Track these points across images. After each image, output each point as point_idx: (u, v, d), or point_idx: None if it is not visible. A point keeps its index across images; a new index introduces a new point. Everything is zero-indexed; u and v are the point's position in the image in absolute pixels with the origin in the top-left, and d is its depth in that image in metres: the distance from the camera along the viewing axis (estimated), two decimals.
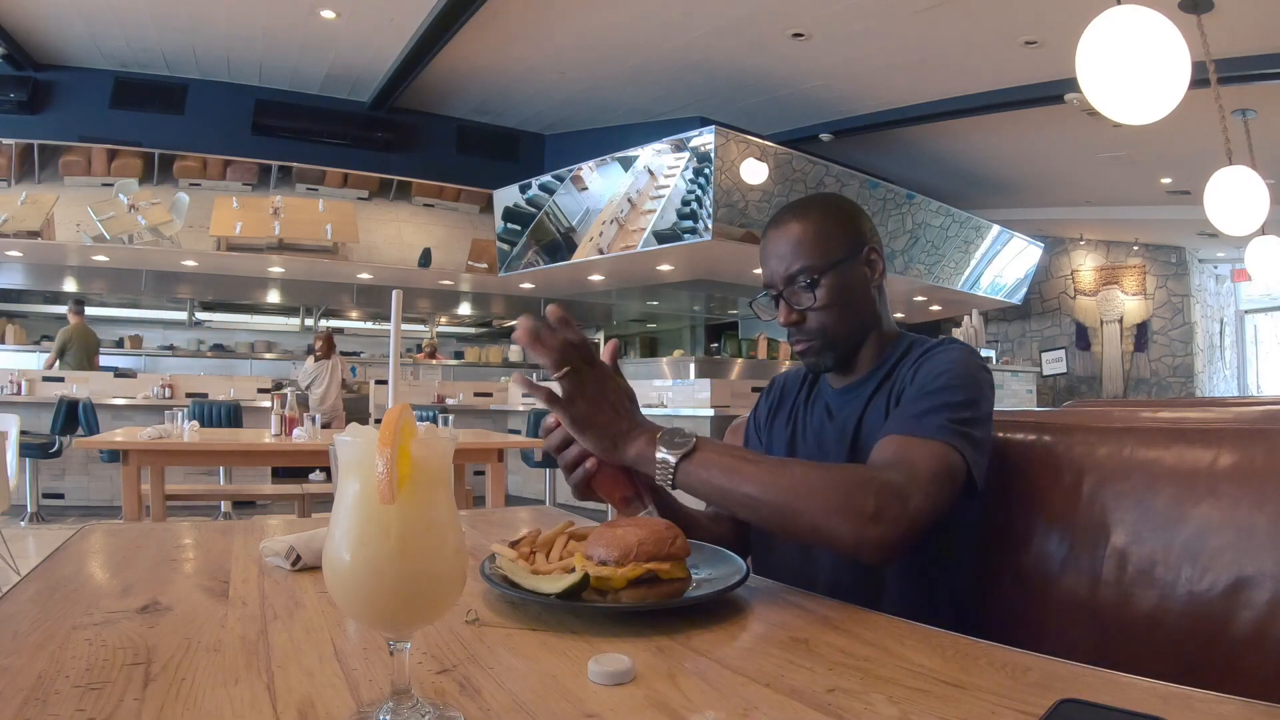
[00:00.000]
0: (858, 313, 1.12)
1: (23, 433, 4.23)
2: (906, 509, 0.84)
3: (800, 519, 0.85)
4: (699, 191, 6.44)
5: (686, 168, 6.51)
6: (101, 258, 7.74)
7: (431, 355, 9.73)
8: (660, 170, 6.75)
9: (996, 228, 9.36)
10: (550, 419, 0.98)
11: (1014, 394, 9.78)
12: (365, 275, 8.67)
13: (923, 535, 0.87)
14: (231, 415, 5.95)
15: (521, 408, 7.92)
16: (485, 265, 8.56)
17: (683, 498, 1.14)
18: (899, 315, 11.36)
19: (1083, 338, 10.97)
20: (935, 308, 10.70)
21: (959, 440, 0.92)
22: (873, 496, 0.84)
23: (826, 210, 1.14)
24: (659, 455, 0.89)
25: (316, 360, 6.76)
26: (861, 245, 1.12)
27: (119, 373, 7.41)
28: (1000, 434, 1.13)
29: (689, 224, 6.51)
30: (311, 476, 5.57)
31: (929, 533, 0.88)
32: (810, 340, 1.12)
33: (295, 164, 8.10)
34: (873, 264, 1.13)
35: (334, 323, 10.02)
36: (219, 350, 9.32)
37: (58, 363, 7.17)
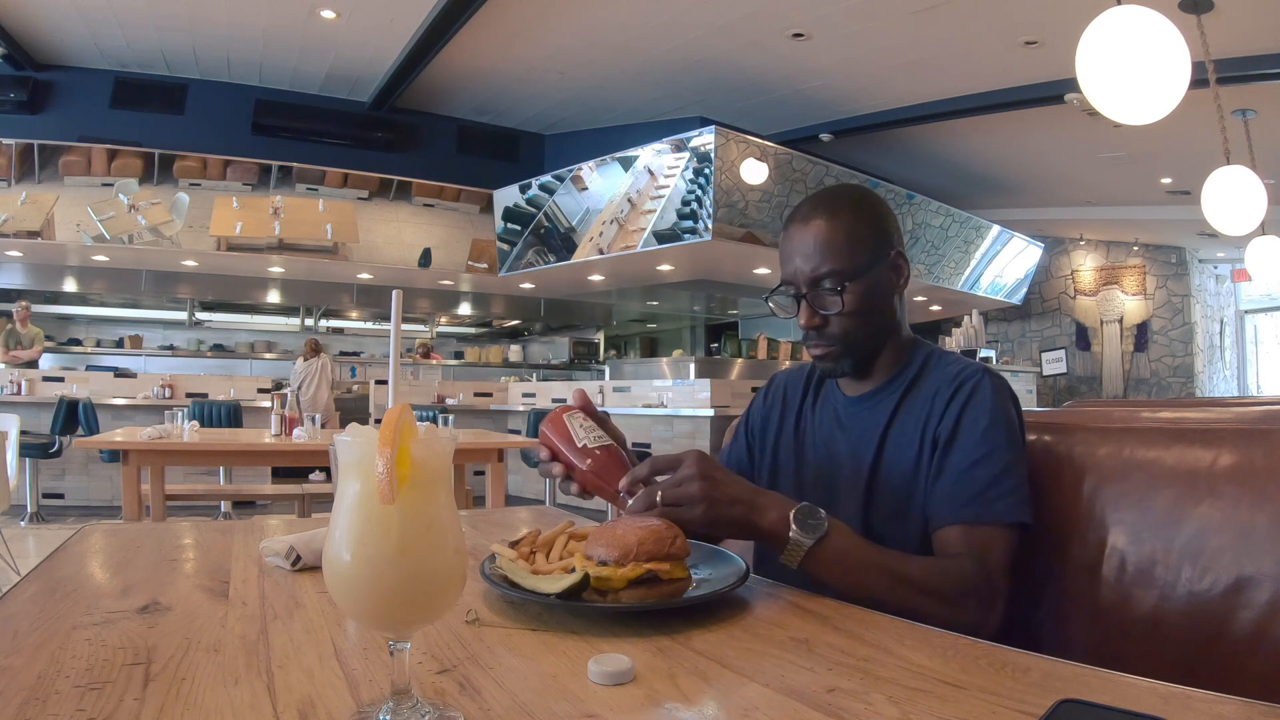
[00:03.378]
0: (880, 320, 1.08)
1: (23, 433, 4.23)
2: (994, 610, 0.90)
3: (905, 614, 0.84)
4: (699, 191, 6.44)
5: (686, 168, 6.51)
6: (101, 258, 7.73)
7: (426, 355, 9.73)
8: (660, 170, 6.75)
9: (996, 228, 9.36)
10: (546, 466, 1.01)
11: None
12: (365, 275, 8.67)
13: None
14: (231, 415, 5.96)
15: (521, 408, 7.92)
16: (485, 265, 8.56)
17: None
18: None
19: (1083, 338, 10.97)
20: (935, 308, 10.70)
21: (1024, 511, 0.95)
22: (973, 600, 0.89)
23: (858, 209, 1.08)
24: (792, 535, 0.87)
25: (305, 361, 6.79)
26: (889, 248, 1.08)
27: (119, 373, 7.41)
28: None
29: (689, 224, 6.51)
30: (311, 476, 5.58)
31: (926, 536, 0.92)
32: (830, 346, 1.07)
33: (295, 164, 8.09)
34: (898, 269, 1.09)
35: (334, 323, 10.02)
36: (219, 350, 9.32)
37: None
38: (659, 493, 0.89)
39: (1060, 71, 5.70)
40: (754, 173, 6.55)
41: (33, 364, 7.23)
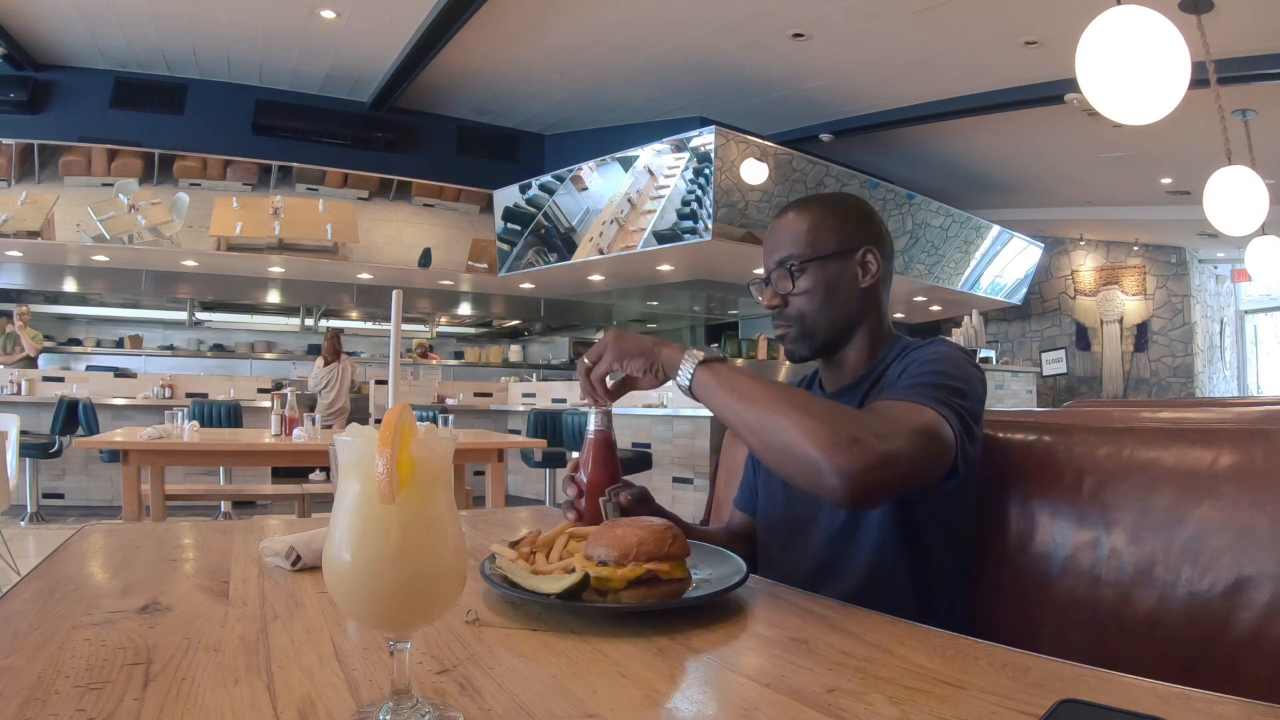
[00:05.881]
0: (839, 308, 1.13)
1: (23, 433, 4.22)
2: (879, 446, 0.83)
3: (777, 433, 0.86)
4: (699, 191, 6.43)
5: (686, 168, 6.51)
6: (101, 258, 7.73)
7: (424, 355, 9.72)
8: (660, 170, 6.75)
9: (996, 228, 9.36)
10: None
11: (1014, 394, 9.77)
12: (365, 275, 8.67)
13: (895, 485, 0.86)
14: (231, 415, 5.95)
15: (521, 408, 7.92)
16: (485, 265, 8.56)
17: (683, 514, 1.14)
18: (899, 315, 11.36)
19: (1083, 338, 10.97)
20: (935, 308, 10.70)
21: (948, 411, 0.91)
22: (853, 428, 0.84)
23: (828, 207, 1.17)
24: (683, 363, 0.97)
25: (326, 364, 6.65)
26: (858, 246, 1.14)
27: (119, 373, 7.41)
28: (1000, 434, 1.13)
29: (689, 224, 6.51)
30: (311, 476, 5.58)
31: (913, 506, 0.92)
32: (787, 326, 1.16)
33: (295, 164, 8.09)
34: (866, 265, 1.14)
35: (334, 323, 10.01)
36: (219, 350, 9.32)
37: None
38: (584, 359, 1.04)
39: (1060, 71, 5.69)
40: (754, 173, 6.55)
41: (32, 364, 7.24)
